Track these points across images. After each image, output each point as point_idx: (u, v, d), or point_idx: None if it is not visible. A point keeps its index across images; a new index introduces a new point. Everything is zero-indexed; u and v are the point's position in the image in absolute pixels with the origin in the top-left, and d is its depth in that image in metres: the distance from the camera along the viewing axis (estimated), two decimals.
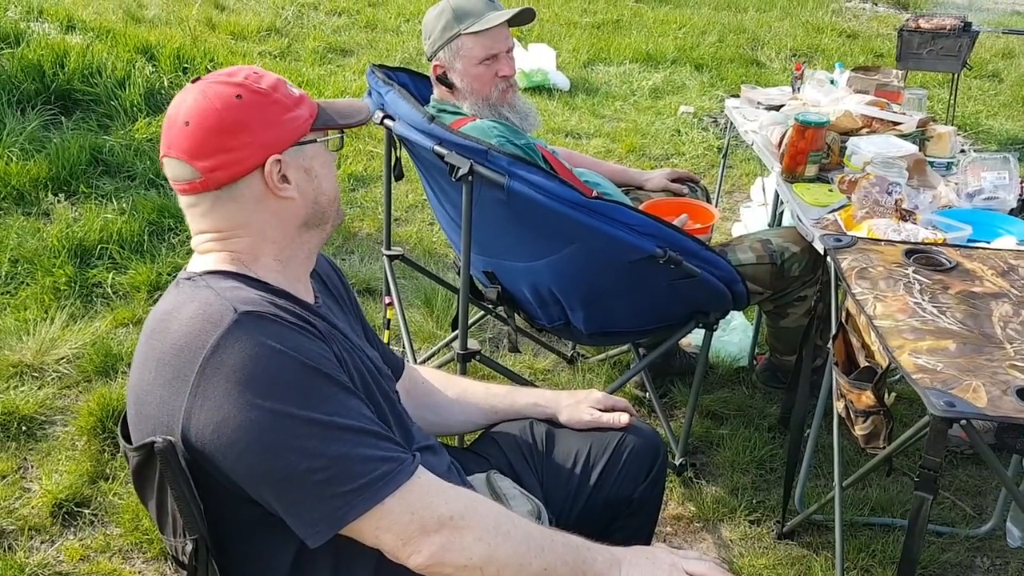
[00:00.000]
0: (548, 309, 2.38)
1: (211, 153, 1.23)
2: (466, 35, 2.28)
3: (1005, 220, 2.34)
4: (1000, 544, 2.37)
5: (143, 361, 1.21)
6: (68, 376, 2.82)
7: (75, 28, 5.53)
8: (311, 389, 1.15)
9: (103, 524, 2.30)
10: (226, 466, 1.14)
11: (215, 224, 1.28)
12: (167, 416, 1.14)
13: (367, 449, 1.17)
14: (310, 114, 1.30)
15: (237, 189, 1.25)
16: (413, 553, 1.18)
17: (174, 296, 1.24)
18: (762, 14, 8.33)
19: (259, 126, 1.24)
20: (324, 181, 1.32)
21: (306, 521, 1.15)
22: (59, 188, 3.89)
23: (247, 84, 1.25)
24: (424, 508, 1.18)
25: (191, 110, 1.24)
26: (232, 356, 1.12)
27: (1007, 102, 6.27)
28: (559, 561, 1.26)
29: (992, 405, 1.47)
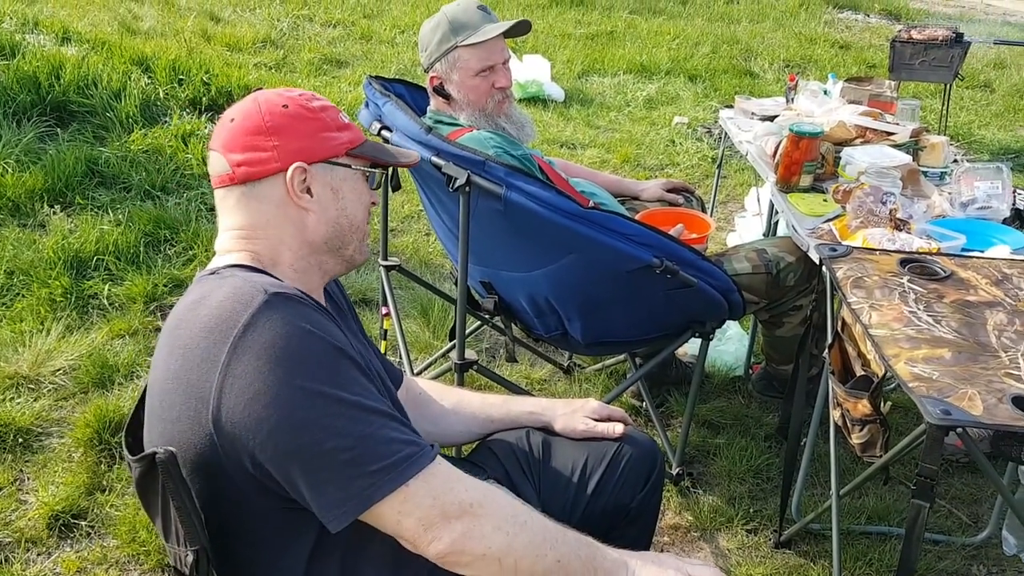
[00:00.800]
0: (545, 319, 2.38)
1: (244, 149, 1.29)
2: (463, 47, 2.29)
3: (998, 229, 2.36)
4: (996, 552, 2.37)
5: (167, 354, 1.21)
6: (64, 388, 2.81)
7: (71, 40, 5.54)
8: (339, 369, 1.17)
9: (100, 536, 2.30)
10: (255, 444, 1.13)
11: (239, 220, 1.31)
12: (196, 399, 1.14)
13: (391, 431, 1.18)
14: (350, 140, 1.34)
15: (261, 188, 1.30)
16: (434, 540, 1.17)
17: (199, 289, 1.25)
18: (755, 25, 8.38)
19: (294, 134, 1.29)
20: (350, 206, 1.35)
21: (331, 501, 1.15)
22: (55, 199, 3.89)
23: (297, 99, 1.32)
24: (446, 493, 1.19)
25: (239, 111, 1.32)
26: (263, 334, 1.13)
27: (999, 112, 6.32)
28: (572, 555, 1.26)
29: (988, 413, 1.48)
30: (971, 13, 10.07)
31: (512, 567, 1.21)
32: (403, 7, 7.93)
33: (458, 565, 1.20)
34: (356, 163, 1.36)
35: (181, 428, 1.17)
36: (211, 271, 1.29)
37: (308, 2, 7.70)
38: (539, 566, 1.23)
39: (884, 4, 9.69)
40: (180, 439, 1.17)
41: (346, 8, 7.68)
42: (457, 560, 1.19)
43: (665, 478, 2.53)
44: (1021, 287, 1.93)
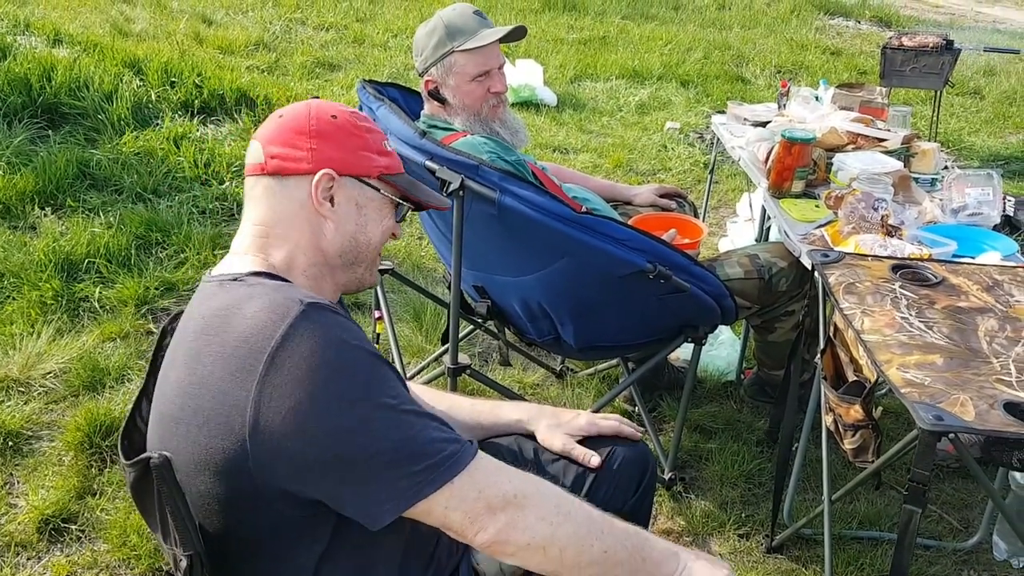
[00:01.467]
0: (538, 323, 2.38)
1: (282, 144, 1.32)
2: (459, 52, 2.29)
3: (989, 236, 2.37)
4: (987, 557, 2.38)
5: (192, 359, 1.19)
6: (55, 391, 2.80)
7: (62, 42, 5.52)
8: (376, 375, 1.18)
9: (90, 540, 2.29)
10: (294, 453, 1.13)
11: (260, 214, 1.33)
12: (229, 407, 1.14)
13: (432, 431, 1.19)
14: (387, 166, 1.37)
15: (288, 184, 1.31)
16: (480, 531, 1.19)
17: (226, 295, 1.24)
18: (747, 31, 8.41)
19: (334, 143, 1.32)
20: (370, 226, 1.37)
21: (373, 502, 1.16)
22: (46, 202, 3.88)
23: (349, 115, 1.35)
24: (489, 487, 1.20)
25: (289, 110, 1.36)
26: (301, 345, 1.14)
27: (989, 119, 6.35)
28: (619, 545, 1.27)
29: (980, 419, 1.49)
30: (961, 20, 10.13)
31: (557, 556, 1.23)
32: (396, 11, 7.93)
33: (504, 554, 1.23)
34: (386, 189, 1.38)
35: (209, 433, 1.16)
36: (232, 276, 1.28)
37: (301, 5, 7.70)
38: (585, 556, 1.24)
39: (875, 11, 9.74)
40: (206, 443, 1.16)
41: (339, 11, 7.68)
42: (502, 550, 1.22)
43: (657, 483, 2.53)
44: (1012, 293, 1.94)
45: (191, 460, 1.18)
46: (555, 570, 1.24)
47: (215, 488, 1.18)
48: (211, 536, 1.22)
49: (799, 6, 9.44)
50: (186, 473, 1.19)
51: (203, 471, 1.17)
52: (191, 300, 1.33)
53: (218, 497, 1.19)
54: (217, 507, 1.19)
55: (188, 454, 1.18)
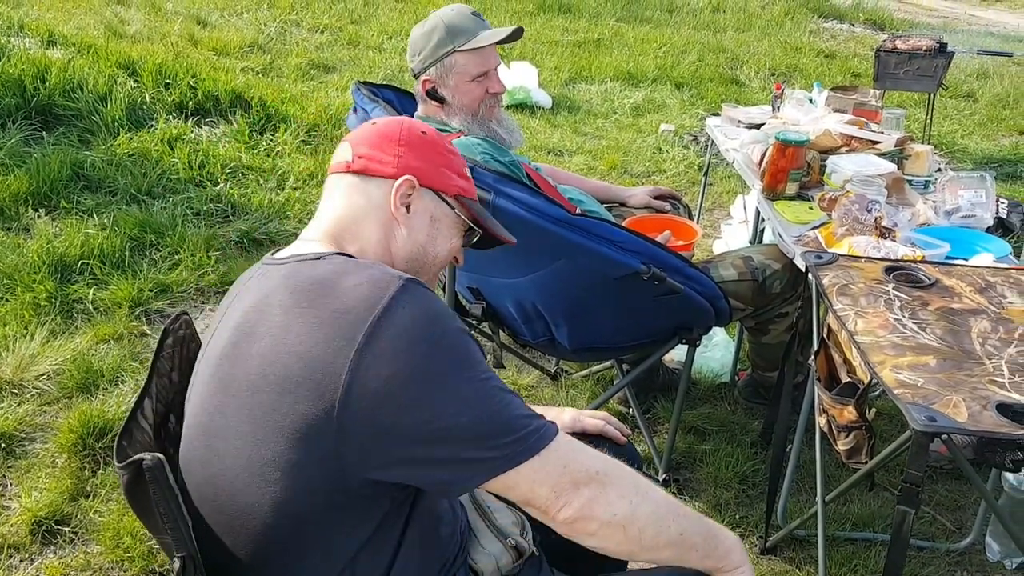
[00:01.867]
0: (532, 325, 2.39)
1: (371, 147, 1.37)
2: (459, 52, 2.29)
3: (982, 238, 2.38)
4: (980, 558, 2.39)
5: (283, 328, 1.19)
6: (48, 393, 2.79)
7: (56, 43, 5.51)
8: (469, 352, 1.21)
9: (83, 542, 2.28)
10: (384, 420, 1.14)
11: (338, 209, 1.36)
12: (321, 374, 1.15)
13: (519, 408, 1.22)
14: (464, 188, 1.43)
15: (370, 184, 1.36)
16: (564, 506, 1.21)
17: (316, 269, 1.25)
18: (741, 34, 8.43)
19: (419, 154, 1.38)
20: (440, 240, 1.41)
21: (461, 468, 1.18)
22: (40, 203, 3.87)
23: (437, 135, 1.42)
24: (574, 462, 1.22)
25: (384, 119, 1.44)
26: (402, 317, 1.16)
27: (982, 121, 6.37)
28: (693, 529, 1.29)
29: (972, 420, 1.49)
30: (955, 23, 10.18)
31: (636, 536, 1.24)
32: (391, 13, 7.94)
33: (585, 532, 1.23)
34: (461, 210, 1.43)
35: (295, 399, 1.16)
36: (315, 255, 1.28)
37: (296, 7, 7.69)
38: (663, 536, 1.25)
39: (869, 14, 9.78)
40: (289, 410, 1.16)
41: (334, 13, 7.68)
42: (585, 527, 1.22)
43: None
44: (1005, 295, 1.94)
45: (265, 428, 1.18)
46: (632, 550, 1.25)
47: (285, 455, 1.17)
48: (264, 507, 1.20)
49: (793, 9, 9.48)
50: (255, 442, 1.18)
51: (276, 438, 1.17)
52: (249, 282, 1.32)
53: (287, 464, 1.17)
54: (279, 475, 1.18)
55: (263, 422, 1.18)
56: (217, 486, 1.22)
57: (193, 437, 1.27)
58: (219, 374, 1.25)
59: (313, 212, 1.45)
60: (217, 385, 1.25)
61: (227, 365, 1.24)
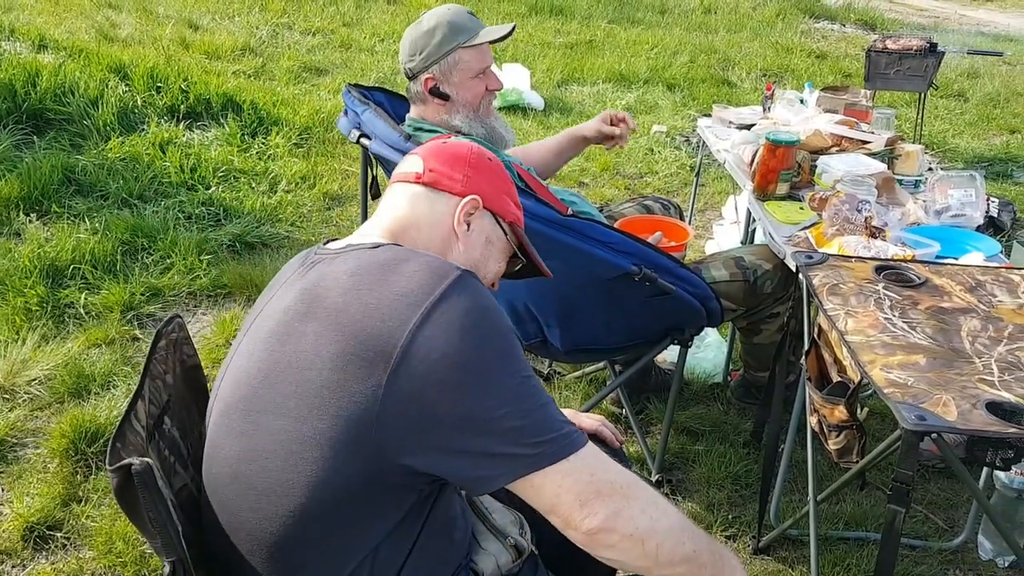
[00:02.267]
0: (525, 326, 2.39)
1: (443, 163, 1.43)
2: (463, 49, 2.29)
3: (972, 237, 2.39)
4: (972, 557, 2.39)
5: (340, 309, 1.21)
6: (40, 398, 2.78)
7: (47, 47, 5.50)
8: (515, 349, 1.23)
9: (76, 548, 2.27)
10: (426, 403, 1.16)
11: (403, 212, 1.40)
12: (375, 352, 1.17)
13: (555, 412, 1.24)
14: (518, 217, 1.50)
15: (437, 197, 1.40)
16: (588, 516, 1.21)
17: (375, 256, 1.28)
18: (732, 35, 8.45)
19: (486, 178, 1.44)
20: (491, 262, 1.46)
21: (491, 464, 1.19)
22: (31, 208, 3.86)
23: (500, 163, 1.49)
24: (601, 472, 1.23)
25: (456, 141, 1.50)
26: (457, 305, 1.20)
27: (972, 121, 6.39)
28: (705, 548, 1.30)
29: (962, 419, 1.50)
30: (945, 23, 10.21)
31: (654, 551, 1.24)
32: (383, 15, 7.93)
33: (605, 544, 1.23)
34: (512, 237, 1.49)
35: (345, 377, 1.18)
36: (372, 244, 1.32)
37: (287, 10, 7.68)
38: (678, 552, 1.27)
39: (860, 14, 9.80)
40: (337, 386, 1.18)
41: (325, 16, 7.67)
42: (606, 539, 1.22)
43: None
44: (995, 294, 1.95)
45: (310, 406, 1.19)
46: (648, 565, 1.26)
47: (326, 433, 1.18)
48: (298, 485, 1.21)
49: (784, 10, 9.50)
50: (298, 418, 1.20)
51: (320, 415, 1.18)
52: (301, 269, 1.33)
53: (327, 442, 1.19)
54: (319, 453, 1.19)
55: (309, 399, 1.19)
56: (252, 461, 1.23)
57: (232, 411, 1.28)
58: (269, 351, 1.27)
59: (305, 215, 1.45)
60: (267, 362, 1.26)
61: (278, 343, 1.26)
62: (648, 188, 4.84)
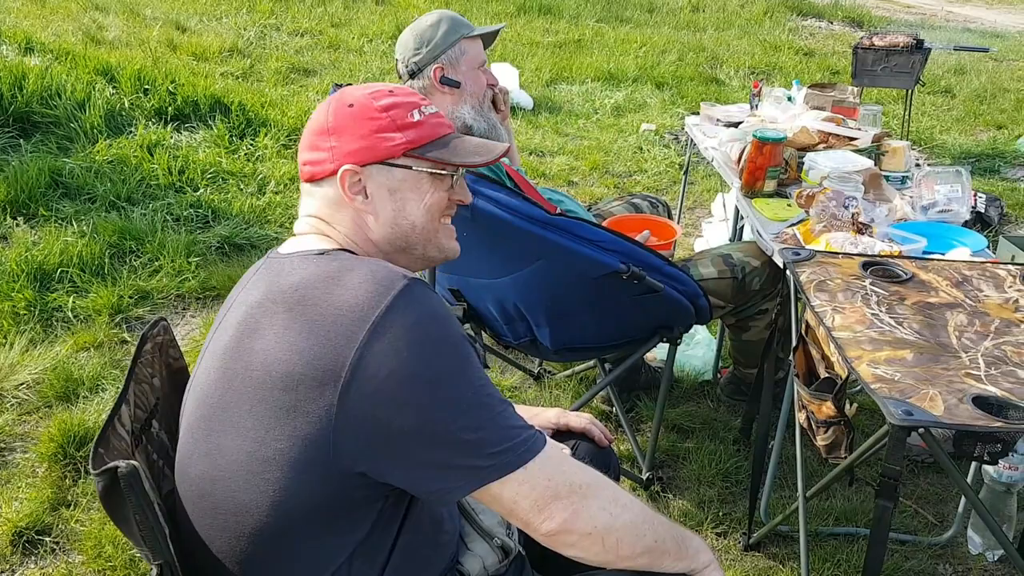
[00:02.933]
0: (514, 326, 2.39)
1: (309, 149, 1.35)
2: (467, 39, 2.33)
3: (959, 232, 2.40)
4: (962, 551, 2.40)
5: (285, 326, 1.19)
6: (28, 402, 2.77)
7: (33, 50, 5.47)
8: (468, 358, 1.20)
9: (65, 552, 2.26)
10: (379, 420, 1.14)
11: (313, 211, 1.35)
12: (323, 372, 1.15)
13: (510, 419, 1.22)
14: (409, 140, 1.32)
15: (323, 187, 1.34)
16: (546, 519, 1.22)
17: (320, 267, 1.24)
18: (721, 33, 8.47)
19: (349, 135, 1.31)
20: (410, 208, 1.35)
21: (448, 477, 1.18)
22: (18, 211, 3.85)
23: (367, 97, 1.33)
24: (558, 475, 1.23)
25: (317, 110, 1.37)
26: (404, 318, 1.16)
27: (959, 117, 6.42)
28: (667, 536, 1.31)
29: (949, 413, 1.50)
30: (932, 20, 10.25)
31: (614, 545, 1.25)
32: (371, 16, 7.92)
33: (566, 544, 1.24)
34: (418, 164, 1.33)
35: (297, 397, 1.16)
36: (318, 251, 1.28)
37: (275, 11, 7.67)
38: (639, 545, 1.28)
39: (847, 11, 9.83)
40: (290, 406, 1.16)
41: (314, 17, 7.66)
42: (566, 539, 1.23)
43: (628, 480, 2.54)
44: (981, 288, 1.96)
45: (267, 426, 1.18)
46: (610, 559, 1.27)
47: (286, 454, 1.17)
48: (262, 506, 1.20)
49: (772, 8, 9.52)
50: (256, 439, 1.18)
51: (278, 436, 1.17)
52: (254, 278, 1.31)
53: (286, 463, 1.18)
54: (279, 474, 1.18)
55: (265, 419, 1.18)
56: (216, 481, 1.22)
57: (195, 431, 1.26)
58: (223, 369, 1.25)
59: (294, 216, 1.44)
60: (222, 380, 1.24)
61: (231, 361, 1.24)
62: (637, 186, 4.84)
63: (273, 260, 1.32)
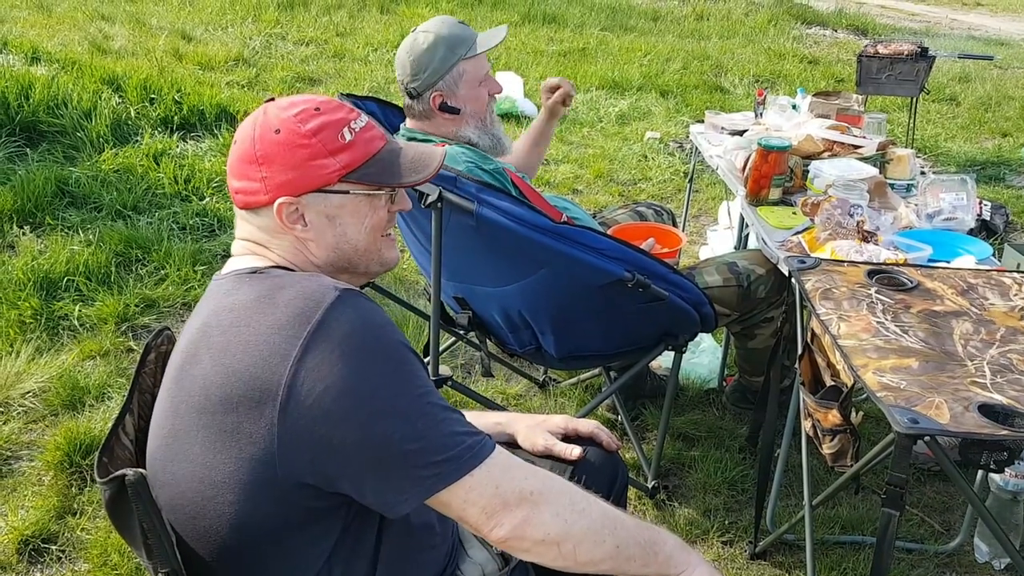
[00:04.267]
0: (519, 334, 2.39)
1: (239, 177, 1.30)
2: (465, 60, 2.30)
3: (964, 240, 2.40)
4: (969, 560, 2.39)
5: (223, 349, 1.18)
6: (34, 410, 2.78)
7: (40, 60, 5.51)
8: (407, 365, 1.19)
9: (71, 560, 2.27)
10: (320, 436, 1.14)
11: (249, 235, 1.33)
12: (260, 393, 1.14)
13: (454, 425, 1.20)
14: (343, 165, 1.28)
15: (260, 215, 1.30)
16: (496, 527, 1.21)
17: (254, 287, 1.23)
18: (725, 41, 8.48)
19: (280, 164, 1.27)
20: (350, 231, 1.32)
21: (395, 490, 1.17)
22: (24, 220, 3.86)
23: (292, 121, 1.27)
24: (506, 483, 1.21)
25: (240, 132, 1.31)
26: (337, 330, 1.15)
27: (964, 125, 6.42)
28: (631, 540, 1.29)
29: (955, 421, 1.50)
30: (936, 28, 10.25)
31: (571, 552, 1.24)
32: (376, 25, 7.95)
33: (519, 550, 1.24)
34: (355, 188, 1.31)
35: (238, 419, 1.16)
36: (251, 270, 1.27)
37: (281, 20, 7.70)
38: (598, 552, 1.26)
39: (851, 19, 9.85)
40: (234, 429, 1.16)
41: (319, 26, 7.69)
42: (518, 545, 1.23)
43: (640, 491, 2.54)
44: (986, 297, 1.96)
45: (213, 450, 1.18)
46: (568, 565, 1.26)
47: (235, 477, 1.17)
48: (223, 531, 1.21)
49: (777, 16, 9.54)
50: (205, 465, 1.18)
51: (225, 461, 1.17)
52: (201, 302, 1.32)
53: (236, 487, 1.18)
54: (233, 497, 1.18)
55: (211, 444, 1.18)
56: (176, 510, 1.22)
57: (153, 461, 1.26)
58: (171, 397, 1.25)
59: None
60: (170, 408, 1.24)
61: (176, 388, 1.24)
62: (642, 194, 4.85)
63: (214, 282, 1.31)
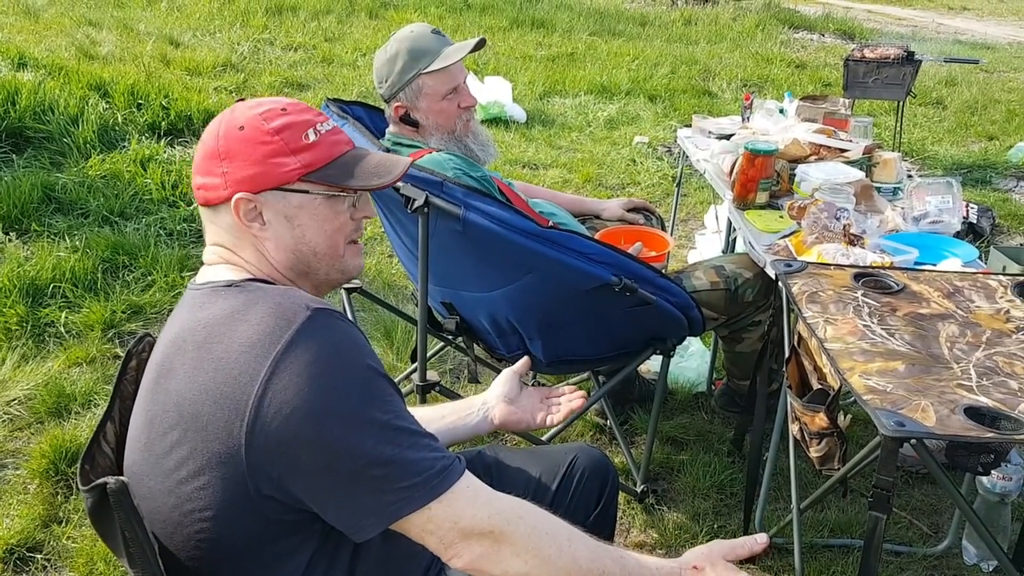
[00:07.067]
0: (507, 338, 2.38)
1: (202, 173, 1.29)
2: (425, 74, 2.29)
3: (950, 243, 2.40)
4: (957, 562, 2.40)
5: (195, 365, 1.18)
6: (20, 418, 2.76)
7: (26, 65, 5.48)
8: (376, 389, 1.17)
9: (56, 569, 2.25)
10: (286, 459, 1.13)
11: (213, 238, 1.32)
12: (229, 412, 1.13)
13: (420, 452, 1.18)
14: (304, 164, 1.27)
15: (219, 212, 1.30)
16: (454, 556, 1.20)
17: (227, 301, 1.22)
18: (713, 46, 8.51)
19: (242, 160, 1.26)
20: (309, 234, 1.30)
21: (356, 514, 1.16)
22: (10, 227, 3.84)
23: (258, 118, 1.27)
24: (466, 517, 1.19)
25: (207, 131, 1.31)
26: (306, 352, 1.13)
27: (951, 128, 6.45)
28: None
29: (941, 424, 1.50)
30: (923, 32, 10.31)
31: None
32: (364, 30, 7.95)
33: None
34: (316, 188, 1.29)
35: (207, 438, 1.15)
36: (227, 283, 1.26)
37: (269, 25, 7.69)
38: None
39: (838, 24, 9.90)
40: (203, 447, 1.15)
41: (307, 32, 7.68)
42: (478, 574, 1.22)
43: (629, 495, 2.54)
44: (972, 299, 1.96)
45: (186, 466, 1.17)
46: None
47: (208, 493, 1.17)
48: (200, 545, 1.20)
49: (764, 20, 9.58)
50: (177, 480, 1.18)
51: (197, 476, 1.16)
52: (176, 311, 1.30)
53: (210, 502, 1.17)
54: (208, 513, 1.18)
55: (184, 460, 1.17)
56: (156, 523, 1.21)
57: (132, 475, 1.25)
58: (146, 411, 1.24)
59: None
60: (145, 422, 1.23)
61: (150, 403, 1.23)
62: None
63: (189, 292, 1.30)
